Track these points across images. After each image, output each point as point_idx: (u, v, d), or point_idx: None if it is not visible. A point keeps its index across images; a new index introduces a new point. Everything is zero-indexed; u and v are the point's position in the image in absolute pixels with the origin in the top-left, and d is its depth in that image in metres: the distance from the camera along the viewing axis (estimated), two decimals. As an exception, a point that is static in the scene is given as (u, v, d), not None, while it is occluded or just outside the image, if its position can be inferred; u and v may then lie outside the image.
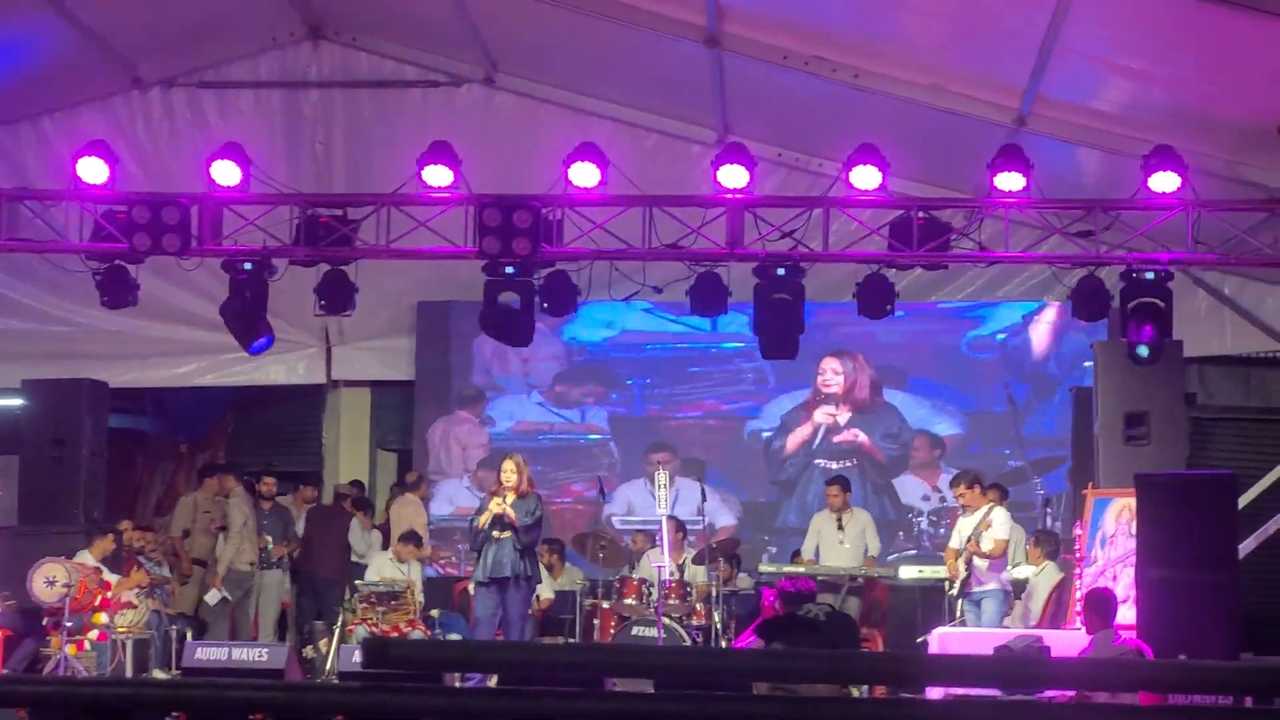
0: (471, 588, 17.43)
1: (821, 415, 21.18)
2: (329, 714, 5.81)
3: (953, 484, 18.34)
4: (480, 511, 17.02)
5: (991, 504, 17.73)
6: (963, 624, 17.32)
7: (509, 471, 16.91)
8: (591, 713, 5.26)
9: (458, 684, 13.82)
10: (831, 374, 21.04)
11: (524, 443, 20.76)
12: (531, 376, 21.59)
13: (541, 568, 19.02)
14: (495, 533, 16.78)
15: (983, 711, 5.88)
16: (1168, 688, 7.43)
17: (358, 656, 16.07)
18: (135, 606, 17.55)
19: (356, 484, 20.97)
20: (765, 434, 21.28)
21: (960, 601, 17.61)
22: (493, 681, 12.89)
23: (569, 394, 21.64)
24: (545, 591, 19.00)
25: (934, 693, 11.45)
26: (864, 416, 21.10)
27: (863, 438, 21.03)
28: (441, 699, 5.15)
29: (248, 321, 16.60)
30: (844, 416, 21.16)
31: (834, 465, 20.97)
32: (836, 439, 21.11)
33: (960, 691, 10.50)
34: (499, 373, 21.60)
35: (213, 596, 18.85)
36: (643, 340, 21.50)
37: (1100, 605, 14.28)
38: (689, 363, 21.48)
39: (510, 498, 16.84)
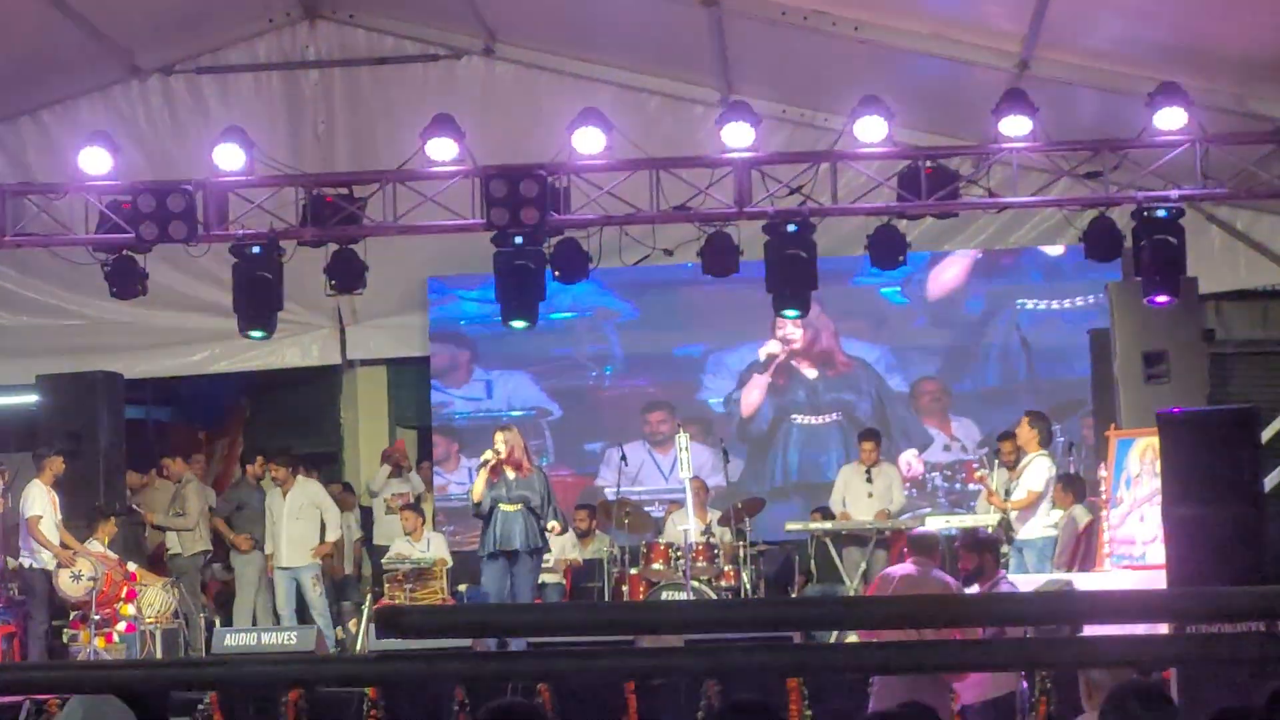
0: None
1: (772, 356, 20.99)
2: (349, 685, 5.75)
3: (1001, 438, 18.25)
4: (483, 464, 16.93)
5: (1035, 453, 17.46)
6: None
7: (499, 443, 16.87)
8: (610, 669, 5.19)
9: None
10: (792, 327, 20.52)
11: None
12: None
13: (571, 529, 19.01)
14: (504, 505, 16.72)
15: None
16: (1198, 617, 7.36)
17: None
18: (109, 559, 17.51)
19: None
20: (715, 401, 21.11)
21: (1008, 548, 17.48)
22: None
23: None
24: (572, 553, 18.95)
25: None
26: (839, 375, 20.92)
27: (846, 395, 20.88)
28: (459, 664, 5.09)
29: (266, 306, 16.52)
30: (810, 373, 20.99)
31: (815, 420, 20.84)
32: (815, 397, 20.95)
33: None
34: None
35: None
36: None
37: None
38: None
39: (510, 473, 16.77)
